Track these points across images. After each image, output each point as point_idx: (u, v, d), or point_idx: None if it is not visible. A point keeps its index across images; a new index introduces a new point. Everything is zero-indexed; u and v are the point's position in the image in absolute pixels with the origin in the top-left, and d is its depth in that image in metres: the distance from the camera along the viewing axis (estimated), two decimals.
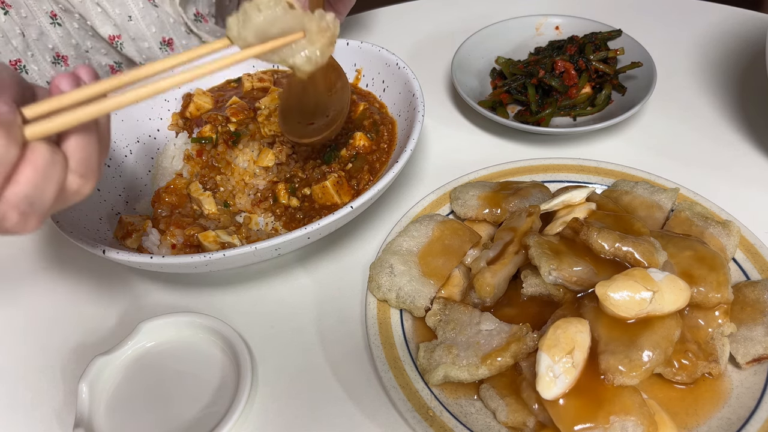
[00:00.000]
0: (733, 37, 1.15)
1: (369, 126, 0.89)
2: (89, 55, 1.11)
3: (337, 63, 0.88)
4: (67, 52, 1.08)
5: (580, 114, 1.00)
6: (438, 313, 0.71)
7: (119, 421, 0.68)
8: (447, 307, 0.71)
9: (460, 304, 0.71)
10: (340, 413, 0.70)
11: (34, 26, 1.03)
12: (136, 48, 1.11)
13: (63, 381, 0.75)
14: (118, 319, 0.80)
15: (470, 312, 0.69)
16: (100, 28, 1.08)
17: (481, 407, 0.66)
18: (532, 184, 0.83)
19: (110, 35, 1.09)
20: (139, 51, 1.12)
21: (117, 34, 1.09)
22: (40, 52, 1.05)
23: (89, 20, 1.06)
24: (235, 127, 0.88)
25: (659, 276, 0.61)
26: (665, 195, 0.78)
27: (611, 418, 0.57)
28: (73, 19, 1.06)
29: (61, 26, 1.05)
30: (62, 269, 0.87)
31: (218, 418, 0.66)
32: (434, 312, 0.71)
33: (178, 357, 0.74)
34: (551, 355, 0.59)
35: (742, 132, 0.97)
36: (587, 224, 0.67)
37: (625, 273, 0.62)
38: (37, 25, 1.03)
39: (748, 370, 0.66)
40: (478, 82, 1.07)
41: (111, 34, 1.09)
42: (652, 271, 0.62)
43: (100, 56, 1.13)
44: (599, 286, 0.61)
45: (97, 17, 1.06)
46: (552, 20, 1.11)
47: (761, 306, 0.67)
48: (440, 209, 0.84)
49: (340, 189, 0.82)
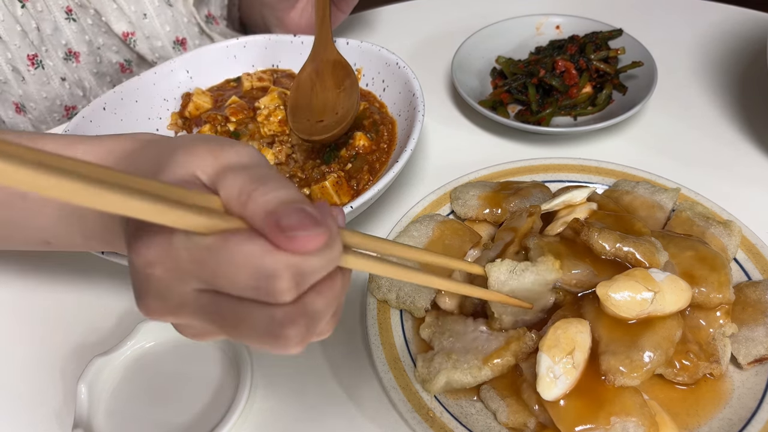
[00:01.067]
0: (734, 36, 1.15)
1: (369, 126, 0.89)
2: (101, 53, 1.12)
3: (346, 61, 0.89)
4: (80, 48, 1.09)
5: (580, 114, 1.00)
6: (431, 325, 0.70)
7: (119, 422, 0.68)
8: (440, 318, 0.71)
9: (453, 315, 0.71)
10: (339, 414, 0.69)
11: (49, 21, 1.03)
12: (149, 46, 1.12)
13: (62, 381, 0.74)
14: (118, 319, 0.80)
15: (464, 320, 0.69)
16: (114, 24, 1.08)
17: (481, 408, 0.65)
18: (533, 184, 0.82)
19: (124, 32, 1.09)
20: (152, 49, 1.12)
21: (131, 31, 1.09)
22: (53, 47, 1.05)
23: (104, 16, 1.06)
24: (235, 126, 0.88)
25: (660, 276, 0.61)
26: (666, 195, 0.78)
27: (612, 419, 0.57)
28: (87, 14, 1.06)
29: (76, 22, 1.05)
30: (62, 269, 0.87)
31: (218, 418, 0.66)
32: (427, 324, 0.71)
33: (177, 357, 0.73)
34: (551, 356, 0.59)
35: (744, 131, 0.97)
36: (588, 224, 0.67)
37: (626, 273, 0.62)
38: (52, 19, 1.03)
39: (750, 371, 0.66)
40: (478, 82, 1.07)
41: (125, 30, 1.09)
42: (653, 271, 0.62)
43: (111, 54, 1.13)
44: (600, 287, 0.61)
45: (112, 13, 1.07)
46: (552, 20, 1.11)
47: (763, 306, 0.67)
48: (440, 209, 0.84)
49: (339, 189, 0.82)
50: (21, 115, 1.09)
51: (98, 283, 0.85)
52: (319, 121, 0.86)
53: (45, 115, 1.10)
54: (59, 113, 1.12)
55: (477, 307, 0.70)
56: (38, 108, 1.09)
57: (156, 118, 0.95)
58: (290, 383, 0.72)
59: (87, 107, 0.90)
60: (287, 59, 1.00)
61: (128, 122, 0.93)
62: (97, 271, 0.86)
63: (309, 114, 0.87)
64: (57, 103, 1.10)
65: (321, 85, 0.89)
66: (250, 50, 0.99)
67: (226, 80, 1.00)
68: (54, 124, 1.12)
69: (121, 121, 0.92)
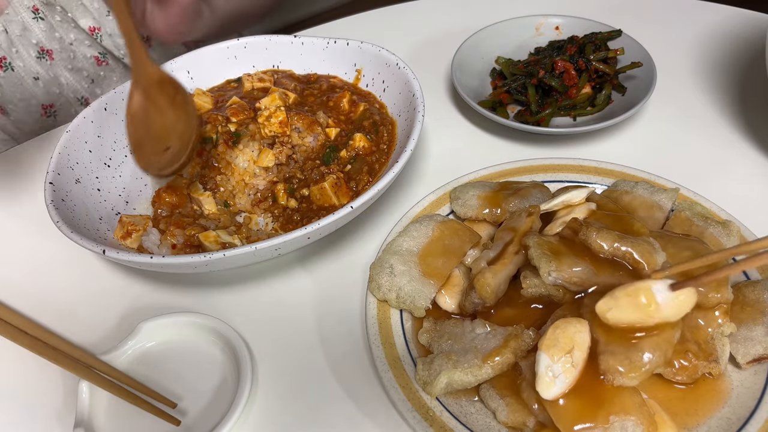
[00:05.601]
0: (733, 36, 1.15)
1: (369, 126, 0.89)
2: (73, 48, 1.11)
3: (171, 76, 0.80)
4: (51, 45, 1.08)
5: (580, 114, 1.00)
6: (429, 330, 0.71)
7: (119, 421, 0.68)
8: (437, 323, 0.71)
9: (451, 318, 0.71)
10: (340, 413, 0.70)
11: (17, 22, 1.03)
12: (114, 43, 1.11)
13: (63, 381, 0.75)
14: (118, 319, 0.80)
15: (461, 323, 0.69)
16: (80, 19, 1.08)
17: (481, 407, 0.66)
18: (532, 184, 0.83)
19: (90, 27, 1.09)
20: (116, 46, 1.12)
21: (97, 26, 1.09)
22: (24, 47, 1.05)
23: (70, 12, 1.06)
24: (236, 127, 0.88)
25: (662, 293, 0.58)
26: (665, 195, 0.78)
27: (611, 418, 0.58)
28: (54, 12, 1.06)
29: (44, 20, 1.05)
30: (62, 269, 0.87)
31: (218, 418, 0.66)
32: (425, 329, 0.71)
33: (178, 357, 0.74)
34: (550, 355, 0.59)
35: (742, 132, 0.97)
36: (586, 224, 0.67)
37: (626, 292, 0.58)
38: (19, 20, 1.03)
39: (748, 370, 0.66)
40: (478, 82, 1.07)
41: (91, 25, 1.09)
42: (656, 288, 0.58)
43: (84, 48, 1.13)
44: (600, 305, 0.59)
45: (77, 9, 1.07)
46: (552, 20, 1.11)
47: (761, 306, 0.67)
48: (440, 209, 0.84)
49: (338, 190, 0.82)
50: (3, 116, 1.09)
51: (98, 283, 0.85)
52: (166, 149, 0.78)
53: (24, 116, 1.10)
54: (37, 112, 1.12)
55: (476, 307, 0.70)
56: (16, 109, 1.09)
57: None
58: (290, 383, 0.73)
59: (88, 107, 0.90)
60: (288, 60, 1.00)
61: None
62: (97, 270, 0.86)
63: (154, 144, 0.78)
64: (33, 103, 1.10)
65: (155, 108, 0.78)
66: (250, 51, 0.99)
67: (227, 81, 1.00)
68: (34, 124, 1.12)
69: (122, 122, 0.92)
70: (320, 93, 0.95)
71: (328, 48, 0.97)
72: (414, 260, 0.75)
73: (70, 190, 0.81)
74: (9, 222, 0.94)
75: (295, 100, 0.93)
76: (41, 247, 0.90)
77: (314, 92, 0.95)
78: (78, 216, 0.79)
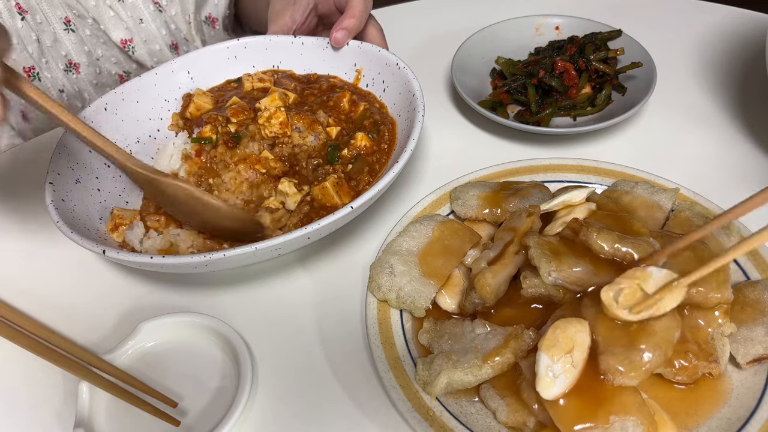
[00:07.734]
0: (733, 36, 1.15)
1: (369, 126, 0.89)
2: (100, 64, 1.13)
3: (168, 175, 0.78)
4: (80, 59, 1.10)
5: (580, 114, 1.00)
6: (429, 331, 0.71)
7: (119, 422, 0.68)
8: (437, 323, 0.71)
9: (451, 318, 0.71)
10: (340, 413, 0.70)
11: (49, 32, 1.04)
12: (148, 51, 1.13)
13: (63, 381, 0.75)
14: (118, 319, 0.80)
15: (461, 323, 0.69)
16: (112, 32, 1.09)
17: (481, 407, 0.66)
18: (532, 184, 0.83)
19: (122, 39, 1.10)
20: (150, 54, 1.13)
21: (129, 38, 1.10)
22: (53, 59, 1.06)
23: (102, 24, 1.07)
24: (236, 127, 0.88)
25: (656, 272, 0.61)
26: (665, 195, 0.78)
27: (611, 418, 0.58)
28: (86, 25, 1.07)
29: (75, 32, 1.06)
30: (62, 269, 0.87)
31: (218, 418, 0.66)
32: (425, 330, 0.71)
33: (178, 357, 0.74)
34: (550, 355, 0.59)
35: (742, 131, 0.97)
36: (587, 224, 0.67)
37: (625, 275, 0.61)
38: (51, 31, 1.04)
39: (749, 370, 0.66)
40: (478, 82, 1.07)
41: (123, 38, 1.10)
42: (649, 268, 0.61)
43: (110, 65, 1.14)
44: (604, 291, 0.60)
45: (110, 21, 1.08)
46: (552, 20, 1.11)
47: (761, 306, 0.67)
48: (440, 209, 0.84)
49: (339, 190, 0.82)
50: (25, 123, 1.10)
51: (98, 283, 0.85)
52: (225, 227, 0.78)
53: (44, 125, 1.11)
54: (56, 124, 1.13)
55: (476, 307, 0.70)
56: (38, 118, 1.10)
57: (157, 119, 0.96)
58: (290, 383, 0.73)
59: (88, 108, 0.90)
60: (288, 60, 1.00)
61: (129, 123, 0.93)
62: (97, 271, 0.86)
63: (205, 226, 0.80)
64: None
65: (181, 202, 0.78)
66: (250, 51, 0.99)
67: (227, 81, 1.00)
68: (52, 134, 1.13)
69: (122, 122, 0.92)
70: (320, 93, 0.95)
71: (328, 48, 0.97)
72: (414, 260, 0.75)
73: (70, 190, 0.81)
74: (9, 222, 0.94)
75: (295, 100, 0.93)
76: (41, 247, 0.90)
77: (314, 92, 0.95)
78: (78, 216, 0.79)
